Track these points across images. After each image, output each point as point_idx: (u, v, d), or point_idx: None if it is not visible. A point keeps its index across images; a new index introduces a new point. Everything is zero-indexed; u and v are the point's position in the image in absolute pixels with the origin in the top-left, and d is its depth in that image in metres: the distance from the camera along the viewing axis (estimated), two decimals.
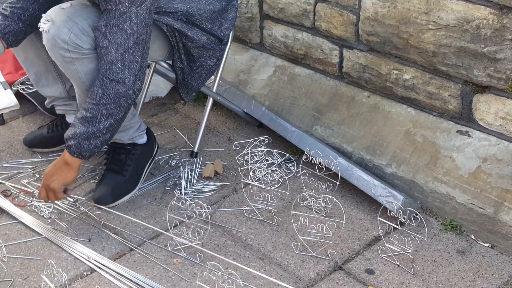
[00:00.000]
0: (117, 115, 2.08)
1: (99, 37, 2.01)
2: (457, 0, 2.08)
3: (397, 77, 2.34)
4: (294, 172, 2.38)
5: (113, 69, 2.01)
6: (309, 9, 2.52)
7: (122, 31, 1.99)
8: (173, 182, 2.38)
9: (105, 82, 2.02)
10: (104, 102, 2.03)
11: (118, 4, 1.96)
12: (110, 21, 1.98)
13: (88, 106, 2.04)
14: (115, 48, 2.00)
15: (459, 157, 2.18)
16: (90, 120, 2.04)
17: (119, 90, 2.03)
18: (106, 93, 2.02)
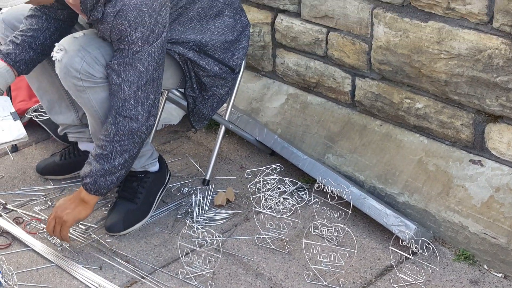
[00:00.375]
0: (131, 151, 2.10)
1: (111, 74, 2.03)
2: (469, 30, 2.09)
3: (409, 106, 2.34)
4: (306, 201, 2.38)
5: (126, 106, 2.03)
6: (321, 38, 2.54)
7: (135, 69, 2.02)
8: (184, 210, 2.38)
9: (118, 119, 2.04)
10: (118, 139, 2.06)
11: (131, 44, 1.99)
12: (123, 60, 2.01)
13: (102, 144, 2.07)
14: (128, 86, 2.02)
15: (471, 186, 2.17)
16: (104, 157, 2.07)
17: (132, 126, 2.05)
18: (119, 130, 2.05)
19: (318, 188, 2.30)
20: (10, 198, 2.47)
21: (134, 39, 2.00)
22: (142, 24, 1.99)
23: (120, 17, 1.98)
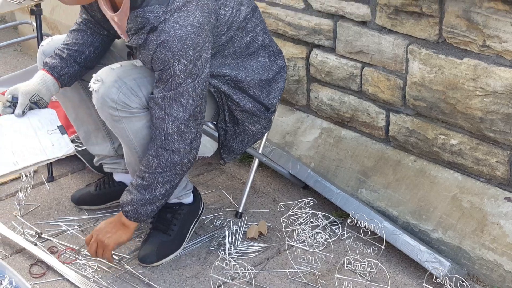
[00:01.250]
0: (172, 182, 2.14)
1: (154, 108, 2.06)
2: (505, 68, 2.10)
3: (444, 142, 2.34)
4: (338, 235, 2.38)
5: (169, 139, 2.06)
6: (356, 73, 2.55)
7: (179, 104, 2.04)
8: (217, 242, 2.39)
9: (161, 152, 2.07)
10: (160, 171, 2.09)
11: (173, 76, 2.02)
12: (167, 94, 2.03)
13: (144, 175, 2.10)
14: (171, 120, 2.05)
15: (507, 224, 2.15)
16: (146, 187, 2.11)
17: (174, 159, 2.08)
18: (161, 163, 2.08)
19: (351, 223, 2.30)
20: (46, 227, 2.50)
21: (176, 71, 2.01)
22: (185, 57, 2.01)
23: (164, 47, 2.00)
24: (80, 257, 2.34)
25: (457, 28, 2.18)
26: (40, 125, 2.21)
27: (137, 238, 2.43)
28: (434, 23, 2.25)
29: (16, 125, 2.18)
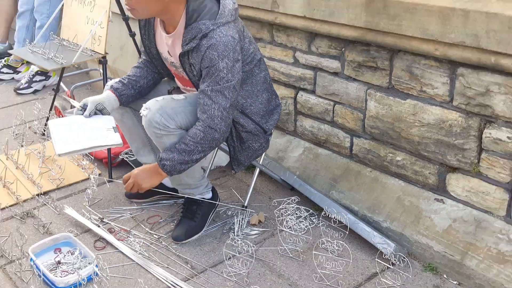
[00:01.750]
0: (206, 152, 2.12)
1: (204, 97, 2.04)
2: (435, 106, 2.11)
3: (391, 158, 2.34)
4: (315, 223, 2.37)
5: (214, 121, 2.03)
6: (329, 109, 2.55)
7: (223, 96, 2.03)
8: (228, 227, 2.38)
9: (207, 129, 2.04)
10: (202, 142, 2.06)
11: (218, 71, 2.01)
12: (215, 87, 2.02)
13: (188, 142, 2.06)
14: (217, 107, 2.02)
15: (436, 217, 2.15)
16: (187, 152, 2.06)
17: (215, 136, 2.06)
18: (205, 137, 2.05)
19: (325, 215, 2.30)
20: (106, 214, 2.49)
21: (220, 67, 2.00)
22: (227, 57, 2.00)
23: (212, 49, 1.99)
24: (131, 236, 2.34)
25: (402, 78, 2.20)
26: (101, 124, 2.24)
27: (171, 223, 2.41)
28: (386, 74, 2.26)
29: (84, 122, 2.23)
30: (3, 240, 2.31)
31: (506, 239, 1.96)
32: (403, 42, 2.08)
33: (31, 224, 2.43)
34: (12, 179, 2.73)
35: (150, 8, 2.05)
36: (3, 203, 2.57)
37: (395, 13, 2.04)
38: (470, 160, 2.05)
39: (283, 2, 2.44)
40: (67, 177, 2.76)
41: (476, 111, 1.98)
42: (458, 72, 1.99)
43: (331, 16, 2.27)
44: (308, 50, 2.54)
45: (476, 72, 1.93)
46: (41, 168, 2.83)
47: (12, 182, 2.71)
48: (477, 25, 1.82)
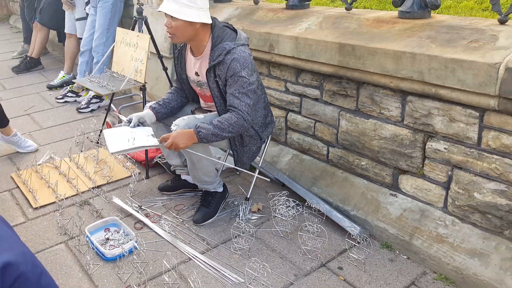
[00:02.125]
0: (233, 133, 2.09)
1: (233, 98, 2.04)
2: (390, 125, 2.12)
3: (357, 163, 2.34)
4: (300, 211, 2.36)
5: (244, 113, 2.04)
6: (311, 126, 2.56)
7: (248, 97, 2.04)
8: (235, 213, 2.38)
9: (239, 117, 2.05)
10: (234, 125, 2.05)
11: (241, 77, 2.02)
12: (241, 90, 2.02)
13: (224, 122, 2.04)
14: (244, 104, 2.03)
15: (391, 208, 2.15)
16: (220, 128, 2.04)
17: (244, 124, 2.06)
18: (236, 122, 2.04)
19: (307, 205, 2.30)
20: (143, 203, 2.49)
21: (243, 75, 2.01)
22: (247, 68, 2.02)
23: (235, 61, 2.01)
24: (162, 219, 2.33)
25: (365, 103, 2.20)
26: (142, 132, 2.27)
27: (192, 210, 2.41)
28: (354, 100, 2.27)
29: (130, 131, 2.27)
30: (66, 222, 2.33)
31: (443, 225, 1.97)
32: (367, 76, 2.09)
33: (87, 210, 2.45)
34: (74, 176, 2.76)
35: (185, 34, 2.07)
36: (67, 194, 2.59)
37: (361, 55, 2.06)
38: (416, 165, 2.06)
39: (278, 45, 2.47)
40: (114, 175, 2.78)
41: (421, 128, 1.99)
42: (407, 99, 2.01)
43: (313, 56, 2.29)
44: (296, 82, 2.55)
45: (421, 99, 1.95)
46: (95, 168, 2.85)
47: (74, 178, 2.73)
48: (422, 64, 1.84)
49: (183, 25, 2.03)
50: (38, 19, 4.71)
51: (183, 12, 2.01)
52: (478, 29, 1.83)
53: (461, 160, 1.89)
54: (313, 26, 2.37)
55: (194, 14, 2.02)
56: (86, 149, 3.14)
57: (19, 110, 3.89)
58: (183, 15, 2.01)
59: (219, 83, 2.09)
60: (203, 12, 2.05)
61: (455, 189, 1.93)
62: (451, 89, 1.79)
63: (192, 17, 2.01)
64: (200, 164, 2.22)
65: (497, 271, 1.76)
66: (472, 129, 1.82)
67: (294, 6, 2.65)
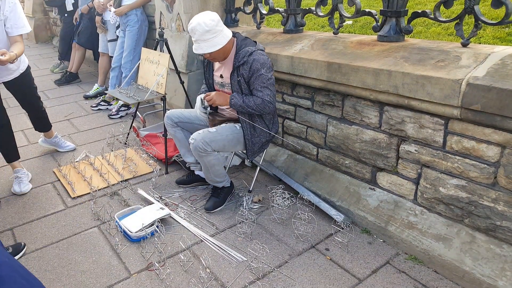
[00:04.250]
0: (255, 111, 2.11)
1: (257, 92, 2.07)
2: (370, 130, 2.11)
3: (342, 162, 2.33)
4: (294, 202, 2.36)
5: (266, 102, 2.06)
6: (304, 131, 2.55)
7: (269, 89, 2.06)
8: (240, 203, 2.37)
9: (265, 101, 2.07)
10: (258, 106, 2.09)
11: (262, 74, 2.05)
12: (263, 84, 2.04)
13: (251, 101, 2.08)
14: (266, 94, 2.05)
15: (369, 199, 2.15)
16: (247, 104, 2.09)
17: (265, 108, 2.10)
18: (261, 104, 2.08)
19: (300, 196, 2.30)
20: (163, 194, 2.49)
21: (263, 72, 2.04)
22: (266, 66, 2.05)
23: (256, 61, 2.03)
24: (178, 208, 2.33)
25: (349, 112, 2.20)
26: (152, 209, 2.22)
27: (204, 200, 2.41)
28: (339, 109, 2.26)
29: (141, 212, 2.20)
30: (99, 209, 2.33)
31: (413, 214, 1.97)
32: (350, 90, 2.09)
33: (116, 200, 2.45)
34: (105, 171, 2.76)
35: (222, 55, 2.12)
36: (100, 186, 2.59)
37: (346, 72, 2.06)
38: (391, 164, 2.06)
39: (276, 63, 2.46)
40: (139, 170, 2.78)
41: (395, 133, 1.99)
42: (384, 109, 2.00)
43: (306, 73, 2.28)
44: (291, 94, 2.54)
45: (396, 109, 1.95)
46: (123, 165, 2.85)
47: (105, 173, 2.73)
48: (396, 80, 1.84)
49: (218, 51, 2.08)
50: (76, 41, 4.73)
51: (213, 45, 2.03)
52: (444, 51, 1.83)
53: (429, 160, 1.88)
54: (306, 48, 2.37)
55: (221, 39, 2.05)
56: (116, 149, 3.14)
57: (60, 116, 3.90)
58: (215, 47, 2.04)
59: (241, 81, 2.11)
60: (224, 32, 2.07)
61: (423, 184, 1.93)
62: (421, 100, 1.78)
63: (222, 43, 2.05)
64: (212, 169, 2.23)
65: (458, 252, 1.75)
66: (439, 134, 1.81)
67: (290, 30, 2.66)
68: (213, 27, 2.00)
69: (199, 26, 1.99)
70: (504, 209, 1.66)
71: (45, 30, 7.70)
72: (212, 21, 2.00)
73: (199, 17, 2.02)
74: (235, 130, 2.23)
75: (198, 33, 2.01)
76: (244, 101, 2.09)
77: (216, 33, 2.02)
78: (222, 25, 2.06)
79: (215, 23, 2.01)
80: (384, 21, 2.08)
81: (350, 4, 2.19)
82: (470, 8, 1.76)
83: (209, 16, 2.02)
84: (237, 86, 2.12)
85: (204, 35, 2.00)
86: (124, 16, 3.82)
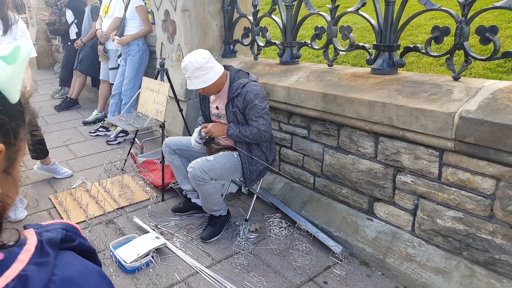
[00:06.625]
0: (252, 141, 2.12)
1: (252, 123, 2.09)
2: (366, 160, 2.10)
3: (339, 191, 2.31)
4: (292, 232, 2.32)
5: (262, 132, 2.07)
6: (300, 159, 2.54)
7: (264, 119, 2.08)
8: (236, 232, 2.34)
9: (259, 131, 2.07)
10: (254, 136, 2.09)
11: (256, 105, 2.07)
12: (257, 114, 2.06)
13: (247, 130, 2.10)
14: (261, 124, 2.06)
15: (367, 230, 2.11)
16: (243, 134, 2.10)
17: (261, 138, 2.10)
18: (257, 134, 2.08)
19: (297, 226, 2.27)
20: (159, 222, 2.45)
21: (257, 103, 2.06)
22: (260, 97, 2.07)
23: (249, 93, 2.05)
24: (174, 237, 2.28)
25: (345, 142, 2.20)
26: (148, 238, 2.18)
27: (200, 229, 2.36)
28: (335, 139, 2.27)
29: (137, 242, 2.16)
30: (94, 238, 2.28)
31: (411, 246, 1.93)
32: (346, 120, 2.10)
33: (112, 228, 2.40)
34: (102, 198, 2.71)
35: (215, 90, 2.16)
36: (95, 213, 2.54)
37: (341, 103, 2.07)
38: (388, 194, 2.04)
39: (273, 93, 2.48)
40: (136, 197, 2.74)
41: (391, 164, 1.98)
42: (380, 139, 2.01)
43: (302, 103, 2.30)
44: (288, 122, 2.56)
45: (391, 140, 1.95)
46: (120, 191, 2.81)
47: (102, 200, 2.69)
48: (391, 111, 1.85)
49: (210, 86, 2.13)
50: (78, 68, 4.78)
51: (204, 80, 2.09)
52: (436, 84, 1.85)
53: (425, 191, 1.87)
54: (302, 79, 2.40)
55: (212, 75, 2.10)
56: (113, 175, 3.11)
57: (58, 141, 3.88)
58: (206, 83, 2.09)
59: (236, 112, 2.13)
60: (215, 68, 2.13)
61: (420, 215, 1.90)
62: (415, 132, 1.79)
63: (212, 79, 2.10)
64: (210, 198, 2.20)
65: (458, 286, 1.71)
66: (434, 166, 1.81)
67: (286, 62, 2.70)
68: (204, 64, 2.08)
69: (190, 64, 2.06)
70: (502, 242, 1.63)
71: (47, 56, 7.80)
72: (203, 59, 2.08)
73: (191, 56, 2.10)
74: (232, 158, 2.22)
75: (190, 70, 2.09)
76: (240, 131, 2.11)
77: (206, 70, 2.09)
78: (213, 62, 2.13)
79: (206, 60, 2.08)
80: (377, 54, 2.12)
81: (344, 38, 2.24)
82: (460, 44, 1.80)
83: (200, 54, 2.10)
84: (233, 117, 2.15)
85: (195, 72, 2.08)
86: (126, 46, 3.89)
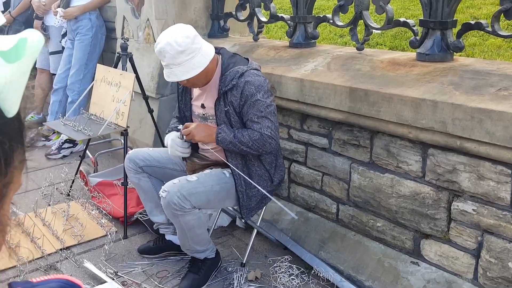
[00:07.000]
0: (251, 151, 2.13)
1: (252, 124, 2.09)
2: (410, 180, 2.12)
3: (372, 224, 2.33)
4: (306, 281, 2.32)
5: (268, 133, 2.08)
6: (318, 179, 2.57)
7: (268, 119, 2.08)
8: (228, 282, 2.34)
9: (262, 136, 2.07)
10: (254, 142, 2.08)
11: (257, 100, 2.07)
12: (260, 114, 2.07)
13: (246, 135, 2.08)
14: (265, 127, 2.07)
15: (412, 278, 2.12)
16: (240, 140, 2.08)
17: (266, 145, 2.10)
18: (260, 139, 2.07)
19: (314, 273, 2.28)
20: (120, 268, 2.46)
21: (259, 97, 2.06)
22: (263, 90, 2.08)
23: (249, 84, 2.06)
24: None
25: (381, 155, 2.23)
26: None
27: (178, 278, 2.37)
28: (367, 151, 2.29)
29: None
30: None
31: None
32: (382, 125, 2.12)
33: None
34: (39, 235, 2.72)
35: (204, 80, 2.16)
36: (30, 256, 2.54)
37: (374, 101, 2.10)
38: (441, 228, 2.05)
39: (280, 88, 2.52)
40: (87, 234, 2.75)
41: (445, 186, 2.00)
42: (429, 152, 2.03)
43: (320, 101, 2.32)
44: (301, 129, 2.59)
45: (444, 153, 1.97)
46: (65, 225, 2.82)
47: (39, 237, 2.69)
48: (444, 113, 1.87)
49: (197, 76, 2.09)
50: None
51: (191, 68, 2.05)
52: (507, 75, 1.88)
53: (492, 224, 1.88)
54: (320, 67, 2.43)
55: (201, 58, 2.07)
56: (55, 202, 3.12)
57: None
58: (194, 72, 2.06)
59: (230, 112, 2.11)
60: (204, 48, 2.09)
61: (486, 257, 1.92)
62: (479, 142, 1.81)
63: (203, 63, 2.07)
64: (191, 233, 2.18)
65: None
66: (504, 188, 1.83)
67: (299, 44, 2.73)
68: (188, 45, 2.01)
69: (169, 46, 1.99)
70: None
71: None
72: (186, 38, 2.01)
73: (168, 34, 2.03)
74: (223, 179, 2.22)
75: (168, 55, 2.01)
76: (236, 136, 2.08)
77: (193, 53, 2.03)
78: (200, 41, 2.09)
79: (190, 40, 2.02)
80: (425, 34, 2.16)
81: (379, 12, 2.28)
82: None
83: (181, 31, 2.03)
84: (225, 119, 2.13)
85: (177, 57, 2.01)
86: (74, 21, 3.93)
